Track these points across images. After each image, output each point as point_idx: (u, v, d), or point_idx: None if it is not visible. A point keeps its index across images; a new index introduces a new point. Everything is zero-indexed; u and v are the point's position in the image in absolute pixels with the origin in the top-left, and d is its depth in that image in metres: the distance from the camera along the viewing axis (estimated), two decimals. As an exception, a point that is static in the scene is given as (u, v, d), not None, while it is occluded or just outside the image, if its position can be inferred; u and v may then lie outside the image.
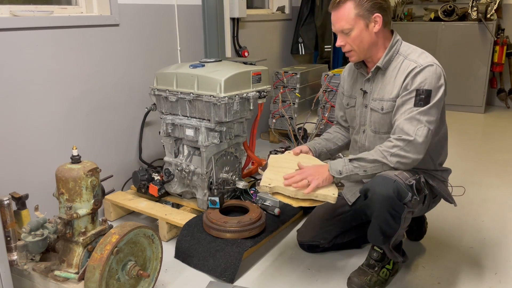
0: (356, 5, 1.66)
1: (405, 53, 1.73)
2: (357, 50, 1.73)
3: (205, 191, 2.28)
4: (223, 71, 2.19)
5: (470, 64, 4.79)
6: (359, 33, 1.69)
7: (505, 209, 2.58)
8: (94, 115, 2.45)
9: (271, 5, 4.31)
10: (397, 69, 1.72)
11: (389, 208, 1.61)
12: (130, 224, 1.60)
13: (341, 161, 1.70)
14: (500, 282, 1.89)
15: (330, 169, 1.68)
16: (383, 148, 1.65)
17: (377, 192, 1.61)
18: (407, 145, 1.62)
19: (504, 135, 4.13)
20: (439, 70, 1.66)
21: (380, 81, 1.78)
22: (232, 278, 1.87)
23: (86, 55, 2.36)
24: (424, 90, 1.63)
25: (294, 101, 3.67)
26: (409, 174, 1.66)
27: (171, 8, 2.84)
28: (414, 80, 1.65)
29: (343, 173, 1.67)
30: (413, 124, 1.62)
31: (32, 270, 1.66)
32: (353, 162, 1.67)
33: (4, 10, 2.09)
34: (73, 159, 1.64)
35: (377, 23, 1.69)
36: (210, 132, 2.23)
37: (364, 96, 1.84)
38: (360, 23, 1.68)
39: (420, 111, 1.62)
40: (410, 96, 1.65)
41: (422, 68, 1.64)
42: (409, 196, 1.60)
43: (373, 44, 1.73)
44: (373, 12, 1.67)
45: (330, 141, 2.04)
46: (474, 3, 4.69)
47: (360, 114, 1.88)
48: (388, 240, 1.71)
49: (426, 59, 1.67)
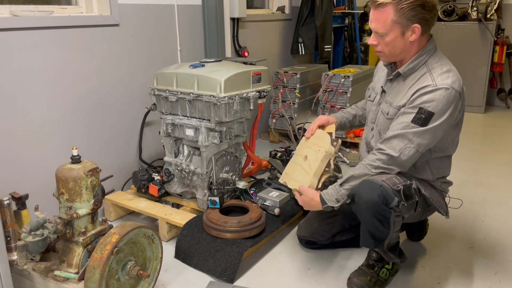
0: (396, 11, 1.57)
1: (430, 66, 1.66)
2: (388, 54, 1.69)
3: (205, 191, 2.28)
4: (223, 71, 2.19)
5: (470, 64, 4.80)
6: (393, 39, 1.63)
7: (505, 209, 2.58)
8: (94, 115, 2.45)
9: (271, 5, 4.31)
10: (416, 79, 1.67)
11: (375, 213, 1.60)
12: (130, 224, 1.60)
13: (332, 189, 1.74)
14: (500, 282, 1.89)
15: (327, 201, 1.73)
16: (367, 162, 1.68)
17: (363, 197, 1.61)
18: (389, 159, 1.64)
19: (504, 135, 4.13)
20: (453, 95, 1.58)
21: (398, 86, 1.75)
22: (232, 278, 1.87)
23: (86, 55, 2.36)
24: (427, 111, 1.58)
25: (294, 101, 3.67)
26: (399, 179, 1.64)
27: (171, 8, 2.84)
28: (421, 98, 1.60)
29: (339, 200, 1.71)
30: (403, 142, 1.62)
31: (32, 270, 1.66)
32: (344, 185, 1.71)
33: (4, 10, 2.09)
34: (73, 159, 1.64)
35: (414, 33, 1.61)
36: (210, 132, 2.23)
37: (382, 95, 1.83)
38: (396, 29, 1.60)
39: (415, 132, 1.60)
40: (412, 111, 1.61)
41: (434, 88, 1.58)
42: (396, 201, 1.57)
43: (406, 51, 1.67)
44: (413, 22, 1.59)
45: (356, 117, 2.12)
46: (474, 3, 4.69)
47: (374, 111, 1.87)
48: (379, 243, 1.70)
49: (445, 80, 1.59)
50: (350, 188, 1.69)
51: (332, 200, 1.72)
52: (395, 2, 1.57)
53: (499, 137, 4.08)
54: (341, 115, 2.09)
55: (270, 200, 2.30)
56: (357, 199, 1.64)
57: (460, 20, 4.85)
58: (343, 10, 4.78)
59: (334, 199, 1.72)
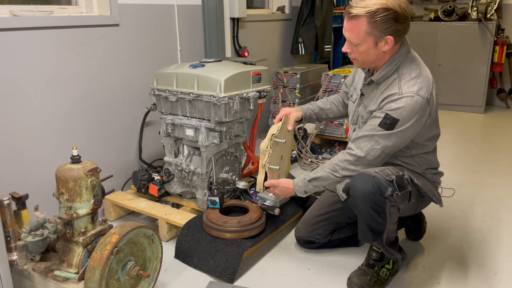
0: (370, 24, 1.60)
1: (401, 73, 1.70)
2: (361, 61, 1.74)
3: (205, 191, 2.28)
4: (223, 71, 2.20)
5: (470, 64, 4.79)
6: (367, 49, 1.67)
7: (505, 209, 2.58)
8: (94, 115, 2.45)
9: (271, 5, 4.31)
10: (387, 86, 1.72)
11: (371, 203, 1.63)
12: (130, 224, 1.60)
13: (302, 181, 1.87)
14: (500, 282, 1.89)
15: (296, 191, 1.90)
16: (336, 162, 1.77)
17: (358, 189, 1.65)
18: (356, 160, 1.72)
19: (504, 135, 4.13)
20: (419, 102, 1.62)
21: (372, 91, 1.80)
22: (232, 278, 1.87)
23: (86, 55, 2.36)
24: (392, 117, 1.64)
25: (294, 101, 3.67)
26: (391, 171, 1.68)
27: (171, 8, 2.84)
28: (388, 105, 1.66)
29: (308, 192, 1.88)
30: (370, 143, 1.69)
31: (32, 270, 1.66)
32: (312, 182, 1.84)
33: (4, 10, 2.09)
34: (73, 159, 1.64)
35: (387, 44, 1.65)
36: (210, 132, 2.23)
37: (361, 97, 1.88)
38: (369, 40, 1.64)
39: (382, 134, 1.66)
40: (380, 115, 1.68)
41: (399, 97, 1.64)
42: (390, 191, 1.61)
43: (379, 59, 1.71)
44: (386, 34, 1.62)
45: (324, 111, 2.16)
46: (474, 3, 4.69)
47: (354, 112, 1.92)
48: (378, 237, 1.70)
49: (411, 88, 1.64)
50: (317, 186, 1.83)
51: (301, 192, 1.88)
52: (368, 14, 1.59)
53: (499, 137, 4.08)
54: (306, 107, 2.14)
55: (270, 200, 2.29)
56: (352, 192, 1.68)
57: (460, 20, 4.85)
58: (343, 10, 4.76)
59: (302, 191, 1.88)
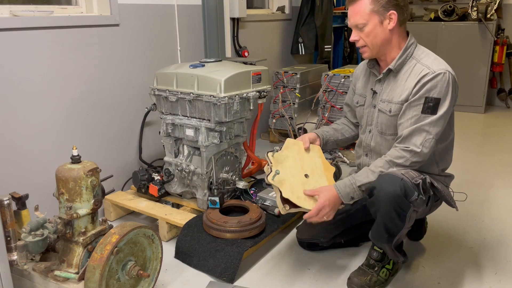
0: (372, 1, 1.67)
1: (418, 57, 1.73)
2: (370, 46, 1.74)
3: (205, 191, 2.28)
4: (223, 71, 2.20)
5: (470, 64, 4.79)
6: (373, 29, 1.69)
7: (505, 209, 2.58)
8: (94, 115, 2.45)
9: (271, 5, 4.31)
10: (409, 72, 1.72)
11: (395, 206, 1.61)
12: (130, 224, 1.60)
13: (349, 187, 1.71)
14: (500, 282, 1.89)
15: (341, 197, 1.71)
16: (389, 158, 1.69)
17: (384, 189, 1.62)
18: (413, 156, 1.66)
19: (504, 135, 4.13)
20: (452, 78, 1.65)
21: (391, 83, 1.78)
22: (232, 278, 1.87)
23: (86, 55, 2.36)
24: (433, 98, 1.63)
25: (294, 101, 3.67)
26: (415, 174, 1.66)
27: (171, 8, 2.84)
28: (424, 86, 1.64)
29: (355, 198, 1.73)
30: (421, 135, 1.65)
31: (32, 270, 1.66)
32: (361, 188, 1.70)
33: (4, 10, 2.09)
34: (73, 159, 1.64)
35: (392, 20, 1.69)
36: (210, 132, 2.23)
37: (373, 96, 1.85)
38: (374, 18, 1.68)
39: (429, 122, 1.64)
40: (419, 102, 1.65)
41: (434, 75, 1.64)
42: (415, 195, 1.60)
43: (387, 41, 1.73)
44: (388, 9, 1.67)
45: (338, 131, 2.07)
46: (474, 3, 4.68)
47: (368, 114, 1.88)
48: (392, 239, 1.70)
49: (439, 65, 1.67)
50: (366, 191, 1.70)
51: (347, 198, 1.72)
52: None
53: (499, 137, 4.08)
54: (321, 130, 2.04)
55: (270, 200, 2.29)
56: (377, 191, 1.64)
57: (460, 20, 4.85)
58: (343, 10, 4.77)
59: (349, 197, 1.72)
